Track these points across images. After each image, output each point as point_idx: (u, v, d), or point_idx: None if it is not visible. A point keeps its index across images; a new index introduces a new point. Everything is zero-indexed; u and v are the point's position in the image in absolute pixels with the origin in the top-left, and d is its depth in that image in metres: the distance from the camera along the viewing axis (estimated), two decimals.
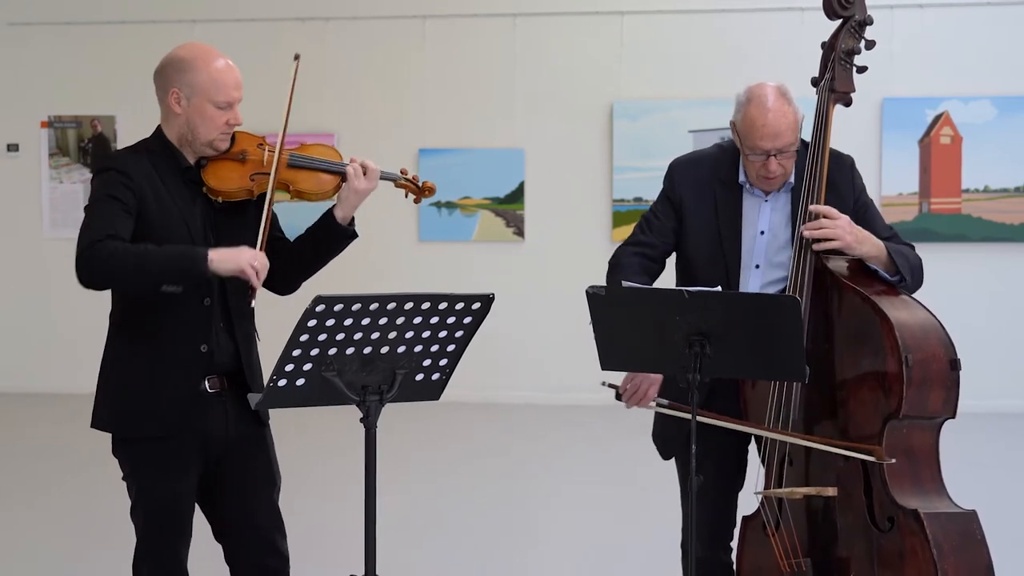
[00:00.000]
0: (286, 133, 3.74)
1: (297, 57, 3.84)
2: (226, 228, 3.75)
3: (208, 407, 3.64)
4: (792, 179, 4.07)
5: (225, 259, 3.55)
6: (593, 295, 3.65)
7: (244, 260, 3.56)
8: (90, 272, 3.61)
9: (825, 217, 3.90)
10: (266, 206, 3.69)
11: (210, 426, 3.70)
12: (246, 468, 3.83)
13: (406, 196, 3.99)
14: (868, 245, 3.92)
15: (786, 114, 3.92)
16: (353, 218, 3.85)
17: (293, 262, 3.89)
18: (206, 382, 3.68)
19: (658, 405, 4.02)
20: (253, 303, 3.68)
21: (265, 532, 3.87)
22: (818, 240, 3.89)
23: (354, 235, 3.88)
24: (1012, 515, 6.60)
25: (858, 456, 3.76)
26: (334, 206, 3.82)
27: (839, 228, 3.88)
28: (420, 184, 3.96)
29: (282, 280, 3.90)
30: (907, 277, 3.93)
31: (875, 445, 3.73)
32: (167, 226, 3.66)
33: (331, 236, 3.85)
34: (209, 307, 3.68)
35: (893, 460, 3.72)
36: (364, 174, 3.77)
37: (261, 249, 3.64)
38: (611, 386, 4.10)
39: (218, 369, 3.70)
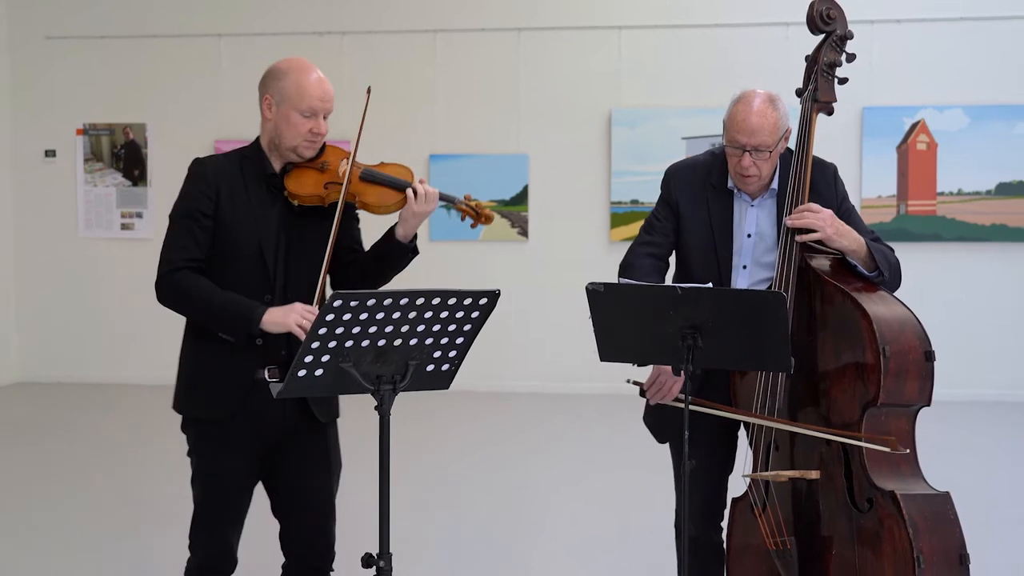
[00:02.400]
0: (358, 149, 3.78)
1: (369, 91, 3.84)
2: (298, 232, 3.76)
3: (264, 394, 3.63)
4: (775, 185, 4.07)
5: (276, 322, 3.58)
6: (592, 291, 3.65)
7: (292, 321, 3.57)
8: (164, 298, 3.73)
9: (808, 209, 3.89)
10: (334, 227, 3.69)
11: (265, 411, 3.69)
12: (303, 454, 3.84)
13: (463, 219, 3.91)
14: (848, 239, 3.90)
15: (767, 115, 3.91)
16: (416, 235, 3.83)
17: (362, 275, 3.89)
18: (265, 372, 3.69)
19: (677, 401, 4.01)
20: None
21: (314, 517, 3.88)
22: (801, 232, 3.88)
23: (415, 251, 3.86)
24: (984, 496, 6.60)
25: (845, 441, 3.76)
26: (396, 224, 3.81)
27: (821, 219, 3.87)
28: (479, 211, 3.88)
29: (351, 289, 3.91)
30: (885, 272, 3.92)
31: (888, 436, 3.73)
32: (237, 222, 3.70)
33: (392, 253, 3.84)
34: (270, 301, 3.68)
35: (908, 450, 3.73)
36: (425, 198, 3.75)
37: (319, 299, 3.67)
38: (636, 383, 4.10)
39: (274, 360, 3.70)
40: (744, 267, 4.08)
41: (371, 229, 3.92)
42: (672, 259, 4.26)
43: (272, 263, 3.71)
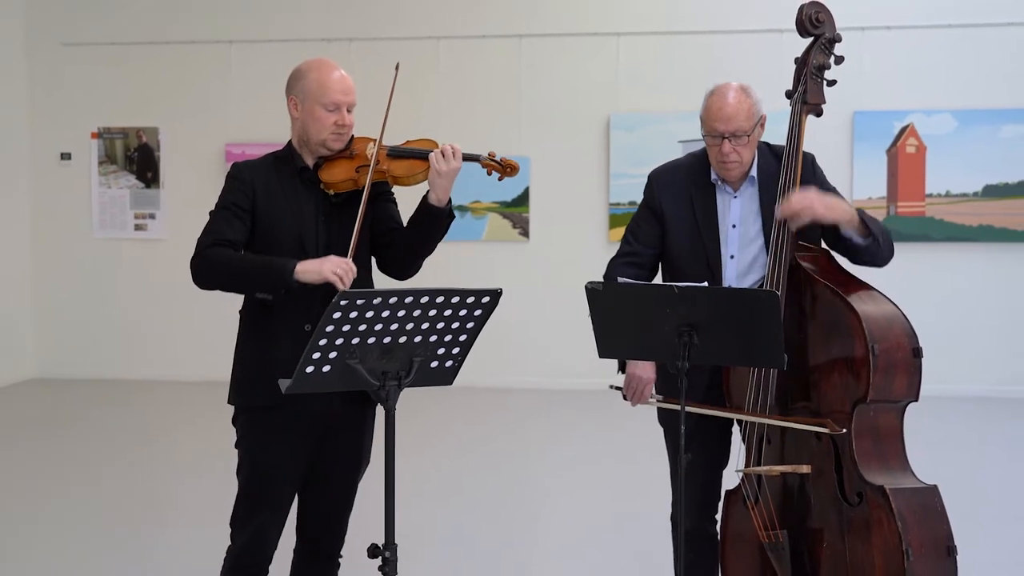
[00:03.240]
0: (385, 129, 3.80)
1: (397, 67, 3.91)
2: (336, 220, 3.78)
3: None
4: (755, 173, 4.07)
5: (310, 270, 3.57)
6: (591, 290, 3.65)
7: (327, 269, 3.56)
8: (199, 275, 3.71)
9: (794, 196, 3.90)
10: (362, 203, 3.71)
11: (314, 402, 3.63)
12: (336, 445, 3.84)
13: (489, 174, 3.91)
14: (839, 211, 3.89)
15: (741, 102, 3.93)
16: (450, 199, 3.82)
17: (405, 249, 3.90)
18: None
19: (654, 399, 4.06)
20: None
21: (334, 505, 3.91)
22: (794, 219, 3.88)
23: (451, 215, 3.85)
24: (971, 490, 6.61)
25: (813, 429, 3.78)
26: (428, 191, 3.81)
27: (808, 199, 3.87)
28: (504, 164, 3.88)
29: (399, 266, 3.93)
30: (879, 238, 3.92)
31: (827, 420, 3.76)
32: (275, 217, 3.73)
33: (429, 219, 3.83)
34: (312, 291, 3.65)
35: (844, 430, 3.73)
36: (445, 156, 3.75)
37: (352, 253, 3.65)
38: (617, 388, 4.15)
39: None
40: (732, 257, 4.08)
41: (410, 207, 3.91)
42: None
43: (313, 253, 3.70)
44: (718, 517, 4.22)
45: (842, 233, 3.95)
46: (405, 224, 3.92)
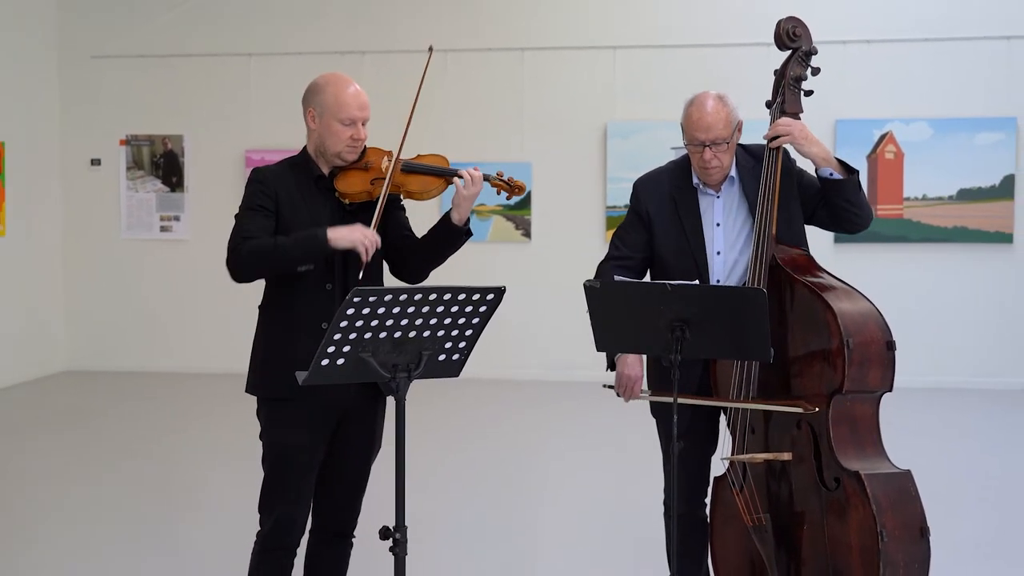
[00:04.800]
0: (405, 139, 3.82)
1: (431, 49, 4.04)
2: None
3: None
4: (734, 174, 4.09)
5: (342, 236, 3.64)
6: (589, 288, 3.67)
7: (357, 236, 3.64)
8: (238, 268, 3.70)
9: (779, 123, 3.98)
10: (382, 194, 3.74)
11: (332, 392, 3.65)
12: (352, 433, 3.86)
13: (498, 193, 3.97)
14: (818, 147, 3.97)
15: (719, 112, 3.96)
16: (468, 219, 3.87)
17: (420, 256, 3.94)
18: None
19: (645, 394, 4.06)
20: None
21: (349, 488, 3.93)
22: (776, 138, 3.96)
23: (469, 233, 3.91)
24: (944, 475, 6.62)
25: (788, 410, 3.80)
26: (450, 210, 3.85)
27: (789, 126, 3.95)
28: (511, 184, 3.95)
29: (412, 273, 3.97)
30: (858, 181, 3.99)
31: (800, 401, 3.78)
32: (296, 222, 3.73)
33: (449, 236, 3.88)
34: (331, 291, 3.71)
35: (817, 409, 3.75)
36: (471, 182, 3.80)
37: (374, 229, 3.71)
38: (610, 387, 4.15)
39: None
40: (718, 253, 4.09)
41: (414, 216, 3.96)
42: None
43: (331, 255, 3.72)
44: (707, 502, 4.24)
45: (819, 172, 4.00)
46: (423, 237, 3.95)
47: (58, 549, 5.60)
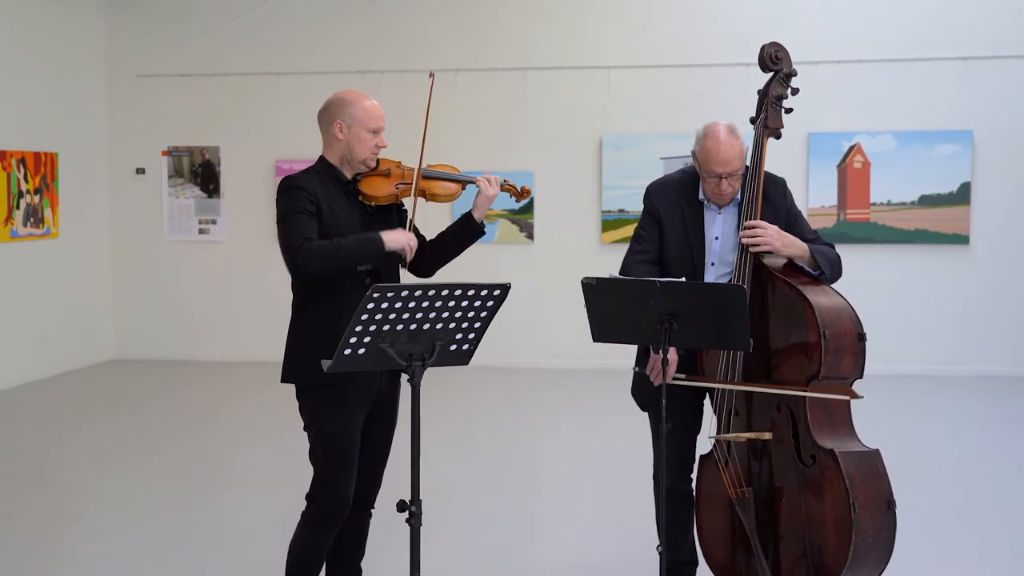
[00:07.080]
0: (424, 149, 3.91)
1: (432, 75, 4.08)
2: (375, 226, 3.81)
3: None
4: (739, 196, 4.08)
5: (395, 239, 3.73)
6: (587, 284, 3.67)
7: (404, 240, 3.74)
8: (304, 266, 3.65)
9: (758, 227, 3.91)
10: (412, 203, 3.83)
11: (370, 378, 3.71)
12: (381, 413, 3.88)
13: (510, 197, 4.09)
14: (794, 248, 3.93)
15: (734, 146, 3.93)
16: (483, 220, 3.97)
17: (436, 253, 3.99)
18: None
19: (676, 380, 3.91)
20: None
21: (372, 463, 3.93)
22: (754, 245, 3.90)
23: (483, 231, 3.98)
24: (910, 453, 6.61)
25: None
26: (472, 209, 3.94)
27: (768, 236, 3.89)
28: (520, 189, 4.09)
29: (426, 266, 3.99)
30: (826, 271, 3.94)
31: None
32: (336, 225, 3.73)
33: (469, 232, 3.96)
34: (368, 281, 3.70)
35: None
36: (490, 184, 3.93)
37: (410, 231, 3.80)
38: (638, 370, 4.11)
39: None
40: (712, 264, 4.09)
41: (422, 217, 3.98)
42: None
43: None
44: (693, 477, 4.23)
45: (795, 264, 3.97)
46: (439, 235, 4.00)
47: (110, 522, 5.60)
